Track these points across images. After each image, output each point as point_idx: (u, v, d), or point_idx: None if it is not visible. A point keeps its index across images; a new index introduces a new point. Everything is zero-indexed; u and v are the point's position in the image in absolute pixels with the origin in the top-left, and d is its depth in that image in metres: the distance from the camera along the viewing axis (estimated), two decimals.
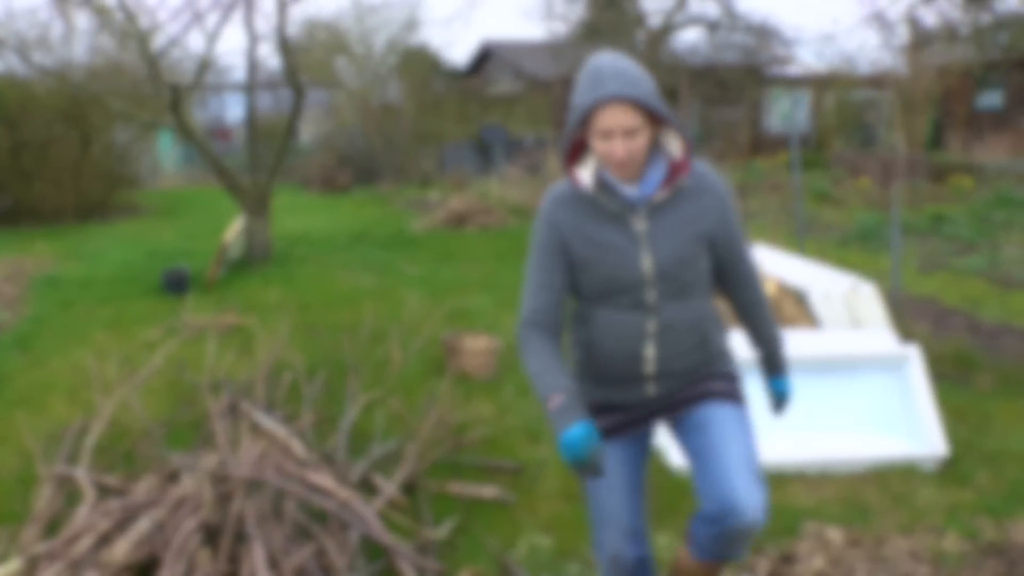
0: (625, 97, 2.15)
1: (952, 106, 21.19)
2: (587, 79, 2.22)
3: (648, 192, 2.30)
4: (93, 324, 7.15)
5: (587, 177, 2.33)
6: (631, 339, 2.35)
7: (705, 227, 2.33)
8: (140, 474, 3.89)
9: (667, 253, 2.29)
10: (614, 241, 2.30)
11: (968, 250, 9.78)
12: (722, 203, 2.36)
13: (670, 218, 2.30)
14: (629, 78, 2.18)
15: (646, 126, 2.22)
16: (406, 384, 5.25)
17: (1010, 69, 17.28)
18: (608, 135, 2.19)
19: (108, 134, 15.27)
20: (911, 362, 4.51)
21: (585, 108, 2.19)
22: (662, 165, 2.31)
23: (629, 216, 2.31)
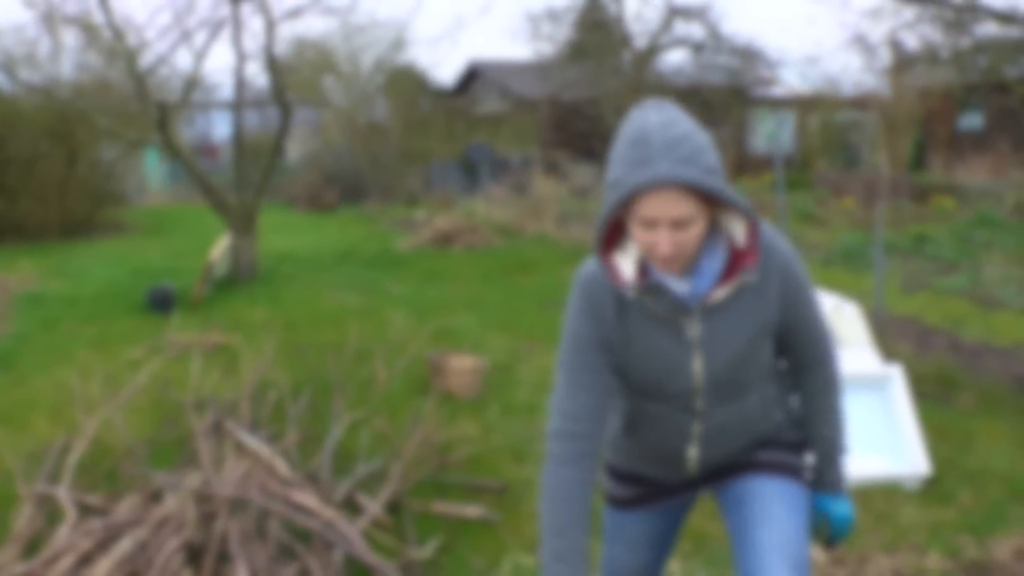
0: (679, 181, 1.69)
1: (934, 128, 21.42)
2: (630, 146, 1.73)
3: (702, 290, 1.86)
4: (77, 342, 7.11)
5: (628, 271, 1.86)
6: (673, 438, 2.02)
7: (769, 317, 1.93)
8: (123, 493, 3.86)
9: (722, 360, 1.91)
10: (661, 347, 1.91)
11: (950, 270, 9.86)
12: (788, 282, 1.93)
13: (729, 319, 1.89)
14: (685, 152, 1.70)
15: (702, 212, 1.76)
16: (391, 403, 5.25)
17: (990, 92, 17.49)
18: (652, 224, 1.74)
19: (94, 151, 15.25)
20: (894, 381, 4.54)
21: (626, 191, 1.71)
22: (720, 253, 1.86)
23: (680, 319, 1.88)
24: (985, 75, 15.24)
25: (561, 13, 21.86)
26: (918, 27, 14.18)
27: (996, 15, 12.74)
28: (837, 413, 2.14)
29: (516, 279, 9.74)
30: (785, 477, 2.06)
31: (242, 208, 9.44)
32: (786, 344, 2.04)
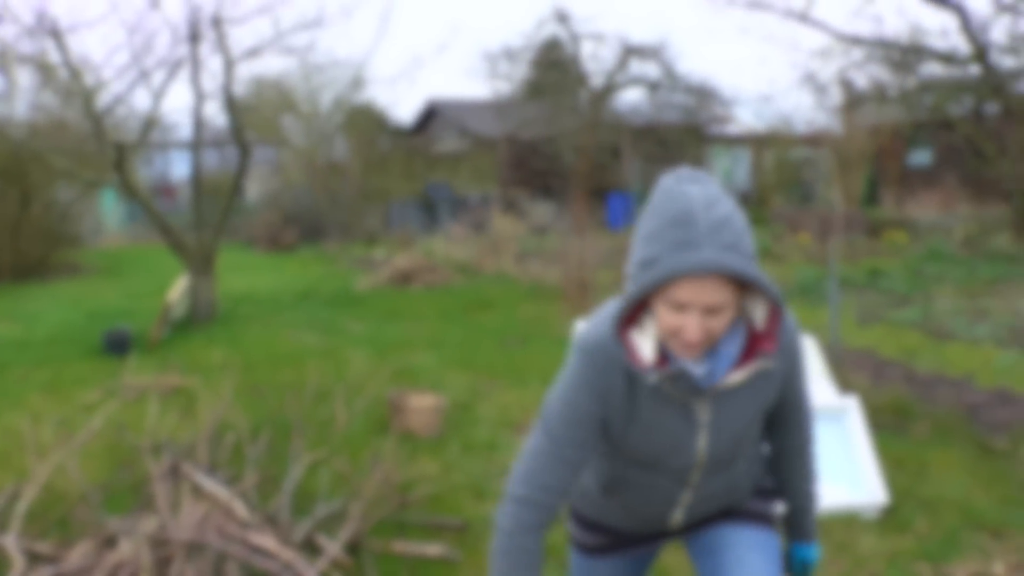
0: (725, 271, 1.60)
1: (885, 164, 21.94)
2: (671, 227, 1.62)
3: (719, 374, 1.77)
4: (28, 387, 6.97)
5: (647, 352, 1.75)
6: (659, 504, 2.00)
7: (771, 396, 1.92)
8: (75, 540, 3.77)
9: (727, 439, 1.88)
10: (667, 426, 1.85)
11: (903, 303, 10.05)
12: (792, 360, 1.92)
13: (740, 401, 1.85)
14: (730, 238, 1.61)
15: (735, 300, 1.69)
16: (351, 443, 5.20)
17: (937, 129, 17.99)
18: (683, 308, 1.65)
19: (49, 192, 15.06)
20: (851, 413, 4.61)
21: (667, 273, 1.60)
22: (739, 336, 1.78)
23: (692, 401, 1.82)
24: (931, 113, 15.69)
25: (518, 52, 22.16)
26: (866, 67, 14.59)
27: (938, 55, 13.15)
28: (814, 466, 2.16)
29: (475, 317, 9.74)
30: (758, 525, 2.05)
31: (200, 248, 9.37)
32: (776, 409, 2.03)
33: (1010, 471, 4.82)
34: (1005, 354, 7.28)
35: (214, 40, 8.56)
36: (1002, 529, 4.09)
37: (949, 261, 12.79)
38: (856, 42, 13.90)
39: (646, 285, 1.63)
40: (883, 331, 8.59)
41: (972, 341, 7.90)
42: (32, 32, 7.88)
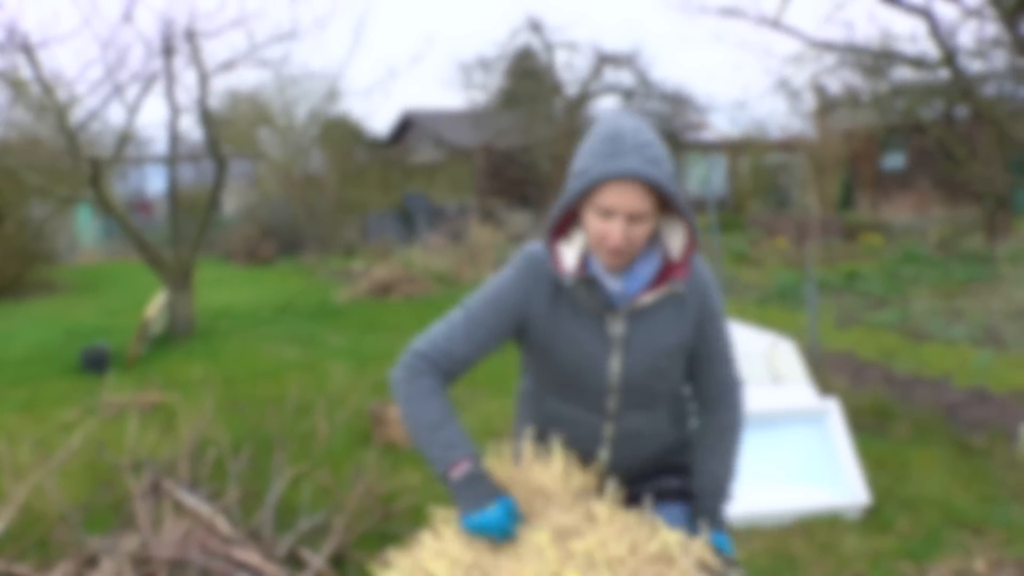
0: (644, 178, 1.81)
1: (859, 168, 22.16)
2: (602, 141, 1.86)
3: (632, 290, 1.96)
4: (4, 406, 6.89)
5: (571, 260, 1.96)
6: (585, 441, 2.08)
7: (686, 335, 2.03)
8: (55, 561, 3.73)
9: (639, 363, 2.00)
10: (582, 340, 1.99)
11: (881, 305, 10.14)
12: (706, 308, 2.04)
13: (651, 324, 1.98)
14: (652, 154, 1.84)
15: (654, 213, 1.89)
16: (333, 456, 5.18)
17: (909, 132, 18.19)
18: (609, 214, 1.85)
19: (23, 209, 14.90)
20: (831, 415, 4.64)
21: (593, 179, 1.83)
22: (655, 260, 1.98)
23: (606, 315, 1.98)
24: (903, 117, 15.86)
25: (493, 62, 22.21)
26: (839, 72, 14.74)
27: (909, 60, 13.31)
28: (731, 457, 2.19)
29: None
30: (684, 504, 2.19)
31: (178, 263, 9.30)
32: (694, 373, 2.13)
33: (988, 469, 4.87)
34: (981, 353, 7.36)
35: (188, 53, 8.53)
36: (982, 526, 4.13)
37: (924, 263, 12.93)
38: (828, 48, 14.04)
39: (577, 190, 1.86)
40: (861, 333, 8.66)
41: (948, 341, 7.98)
42: (2, 47, 7.81)
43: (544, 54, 22.28)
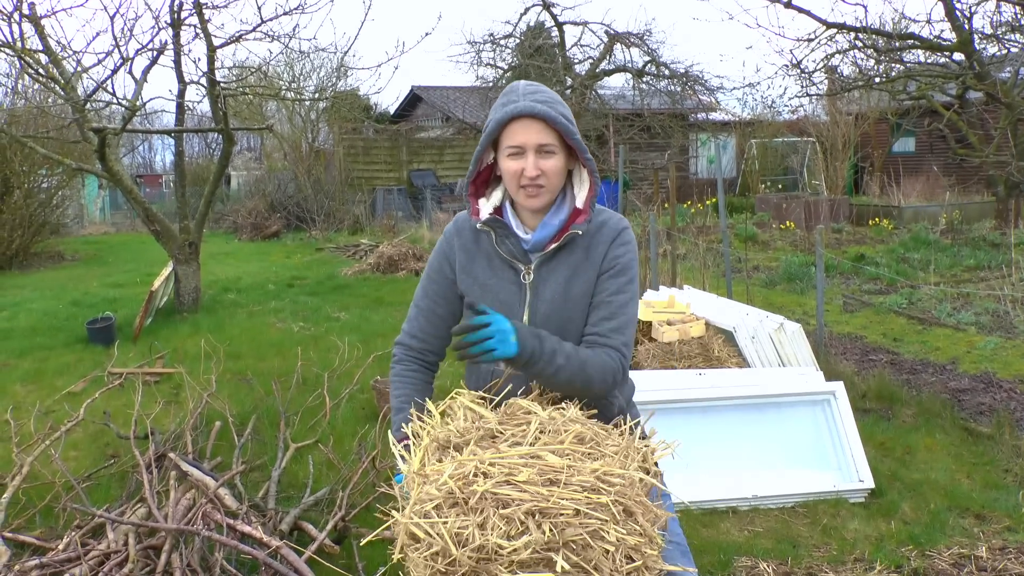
0: (540, 115, 1.97)
1: (870, 151, 22.01)
2: (504, 95, 2.06)
3: (541, 239, 2.08)
4: (11, 377, 6.91)
5: (486, 211, 2.13)
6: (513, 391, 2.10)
7: (591, 284, 2.08)
8: (61, 530, 3.75)
9: (546, 310, 2.07)
10: (498, 288, 2.11)
11: (888, 289, 10.10)
12: (610, 256, 2.08)
13: (558, 272, 2.08)
14: (543, 97, 2.02)
15: (561, 151, 2.03)
16: (337, 430, 5.19)
17: (921, 116, 18.06)
18: (519, 152, 2.00)
19: (31, 180, 14.90)
20: (837, 398, 4.63)
21: (493, 124, 2.01)
22: (564, 211, 2.09)
23: (519, 264, 2.10)
24: (915, 100, 15.73)
25: (502, 39, 22.06)
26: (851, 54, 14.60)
27: (923, 43, 13.18)
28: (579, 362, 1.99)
29: None
30: None
31: (185, 236, 9.29)
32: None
33: (994, 455, 4.86)
34: (988, 340, 7.33)
35: (196, 26, 8.46)
36: (986, 512, 4.12)
37: (933, 248, 12.86)
38: (841, 28, 13.91)
39: (483, 140, 2.03)
40: (868, 317, 8.64)
41: (956, 327, 7.95)
42: (9, 17, 7.76)
43: (554, 31, 22.11)
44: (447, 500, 1.69)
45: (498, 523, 1.62)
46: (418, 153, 23.00)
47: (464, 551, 1.61)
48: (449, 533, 1.63)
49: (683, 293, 6.72)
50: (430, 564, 1.66)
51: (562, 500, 1.64)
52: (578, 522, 1.62)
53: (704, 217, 15.25)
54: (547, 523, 1.61)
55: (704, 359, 5.57)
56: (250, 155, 28.54)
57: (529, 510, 1.64)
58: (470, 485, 1.70)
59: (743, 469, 4.38)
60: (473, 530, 1.62)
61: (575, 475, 1.72)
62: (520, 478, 1.71)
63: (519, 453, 1.81)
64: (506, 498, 1.66)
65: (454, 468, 1.77)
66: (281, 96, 17.35)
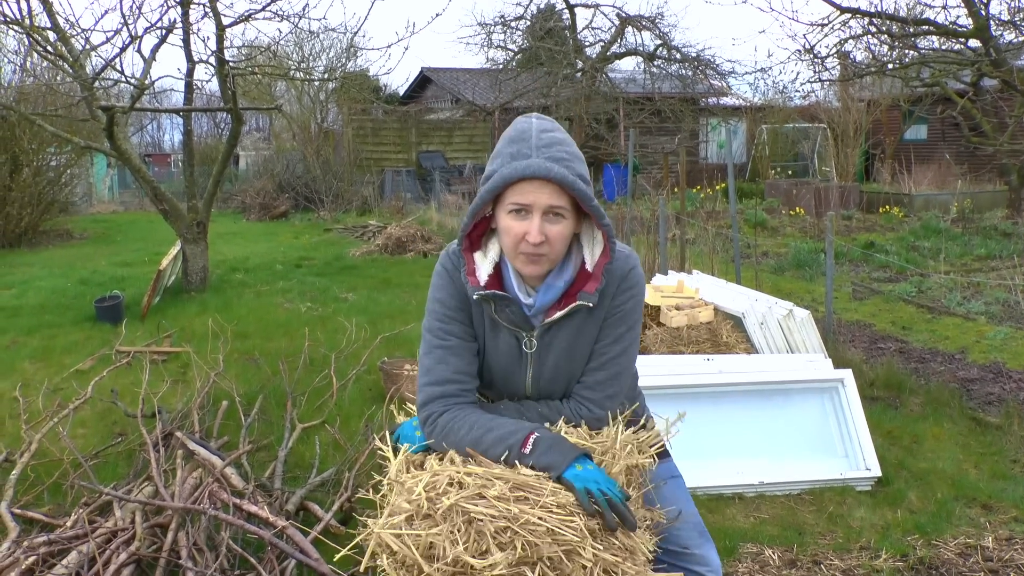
0: (556, 178, 1.76)
1: (881, 138, 21.87)
2: (508, 143, 1.82)
3: (542, 304, 1.90)
4: (20, 354, 6.93)
5: (484, 271, 1.91)
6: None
7: (594, 335, 1.96)
8: (69, 507, 3.77)
9: (549, 375, 1.97)
10: (499, 352, 1.97)
11: (898, 277, 10.06)
12: (614, 307, 1.94)
13: (561, 337, 1.94)
14: (559, 153, 1.79)
15: (571, 214, 1.83)
16: (344, 411, 5.19)
17: (934, 103, 17.91)
18: (523, 212, 1.80)
19: (40, 158, 14.91)
20: (845, 386, 4.61)
21: (499, 181, 1.78)
22: (568, 272, 1.91)
23: (521, 332, 1.94)
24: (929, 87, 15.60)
25: (513, 21, 21.94)
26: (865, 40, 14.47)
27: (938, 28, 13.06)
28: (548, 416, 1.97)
29: None
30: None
31: (193, 216, 9.29)
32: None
33: (1002, 445, 4.84)
34: (998, 329, 7.29)
35: (205, 4, 8.42)
36: (993, 503, 4.11)
37: (944, 236, 12.80)
38: (855, 13, 13.78)
39: (484, 195, 1.81)
40: (878, 305, 8.60)
41: (966, 316, 7.91)
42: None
43: (566, 14, 21.99)
44: (419, 512, 1.67)
45: (472, 537, 1.60)
46: (427, 135, 22.94)
47: (436, 565, 1.59)
48: (421, 546, 1.61)
49: (692, 278, 6.70)
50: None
51: (533, 518, 1.61)
52: (551, 539, 1.59)
53: (714, 202, 15.20)
54: (519, 540, 1.58)
55: (712, 345, 5.55)
56: (259, 135, 28.51)
57: (500, 527, 1.60)
58: (441, 497, 1.67)
59: (750, 455, 4.37)
60: (444, 543, 1.60)
61: (549, 494, 1.67)
62: (492, 492, 1.67)
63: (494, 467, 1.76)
64: (476, 512, 1.62)
65: (429, 477, 1.74)
66: (290, 76, 17.29)
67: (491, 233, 1.95)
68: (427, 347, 1.98)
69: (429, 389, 1.94)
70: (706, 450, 4.27)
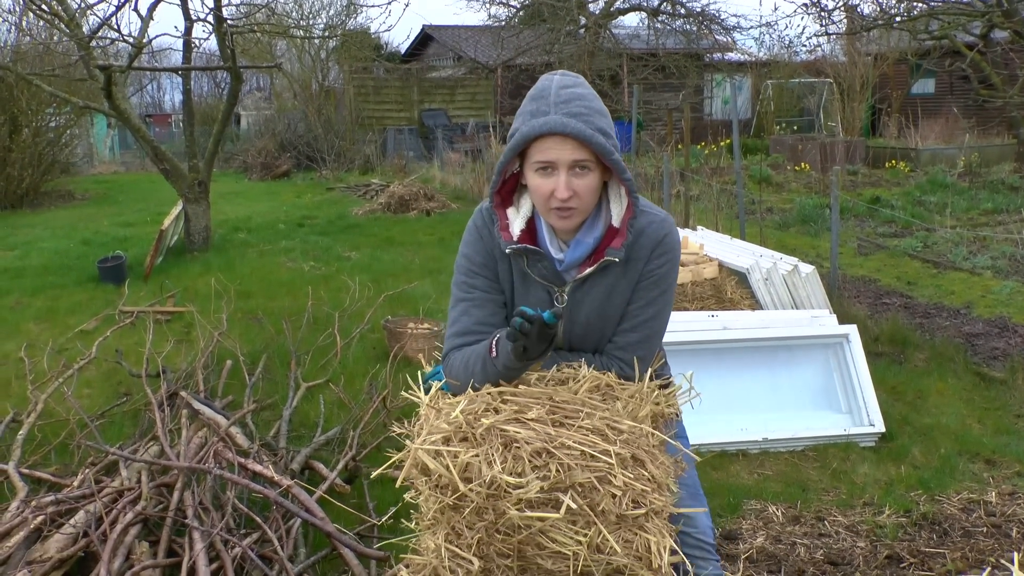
0: (574, 133, 1.78)
1: (888, 92, 21.63)
2: (528, 102, 1.86)
3: (574, 259, 1.94)
4: (24, 315, 6.94)
5: (517, 227, 1.95)
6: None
7: (626, 297, 1.99)
8: (76, 467, 3.79)
9: (581, 332, 2.00)
10: (533, 305, 1.95)
11: (904, 232, 10.00)
12: (645, 270, 1.97)
13: (593, 294, 1.97)
14: (577, 108, 1.81)
15: (596, 166, 1.85)
16: (348, 370, 5.20)
17: (942, 57, 17.68)
18: (549, 169, 1.83)
19: (39, 119, 14.81)
20: (849, 342, 4.59)
21: (521, 138, 1.82)
22: (599, 228, 1.95)
23: (553, 287, 1.97)
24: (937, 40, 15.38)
25: None
26: None
27: None
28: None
29: None
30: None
31: (194, 176, 9.24)
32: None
33: (1006, 400, 4.84)
34: (1004, 284, 7.26)
35: None
36: (996, 458, 4.11)
37: (950, 191, 12.70)
38: None
39: (507, 153, 1.86)
40: (883, 260, 8.56)
41: (972, 271, 7.87)
42: None
43: None
44: (456, 434, 1.69)
45: (507, 459, 1.62)
46: (429, 93, 22.74)
47: (471, 487, 1.60)
48: (458, 467, 1.63)
49: (696, 234, 6.66)
50: (438, 497, 1.66)
51: (569, 442, 1.64)
52: (585, 464, 1.61)
53: (718, 158, 15.09)
54: (554, 464, 1.61)
55: (717, 301, 5.53)
56: (260, 95, 28.28)
57: (536, 449, 1.63)
58: (479, 419, 1.70)
59: (754, 412, 4.38)
60: (481, 465, 1.61)
61: (585, 418, 1.71)
62: (529, 415, 1.70)
63: (532, 393, 1.80)
64: (514, 435, 1.65)
65: (466, 403, 1.78)
66: (290, 34, 17.11)
67: (523, 189, 1.98)
68: (453, 301, 2.04)
69: (452, 340, 2.00)
70: (710, 407, 4.26)
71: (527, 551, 1.65)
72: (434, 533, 1.74)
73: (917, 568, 3.17)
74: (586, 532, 1.60)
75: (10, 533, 2.96)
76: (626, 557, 1.62)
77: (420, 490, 1.72)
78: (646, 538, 1.63)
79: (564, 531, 1.61)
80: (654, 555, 1.62)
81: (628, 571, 1.64)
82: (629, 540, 1.63)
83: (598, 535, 1.60)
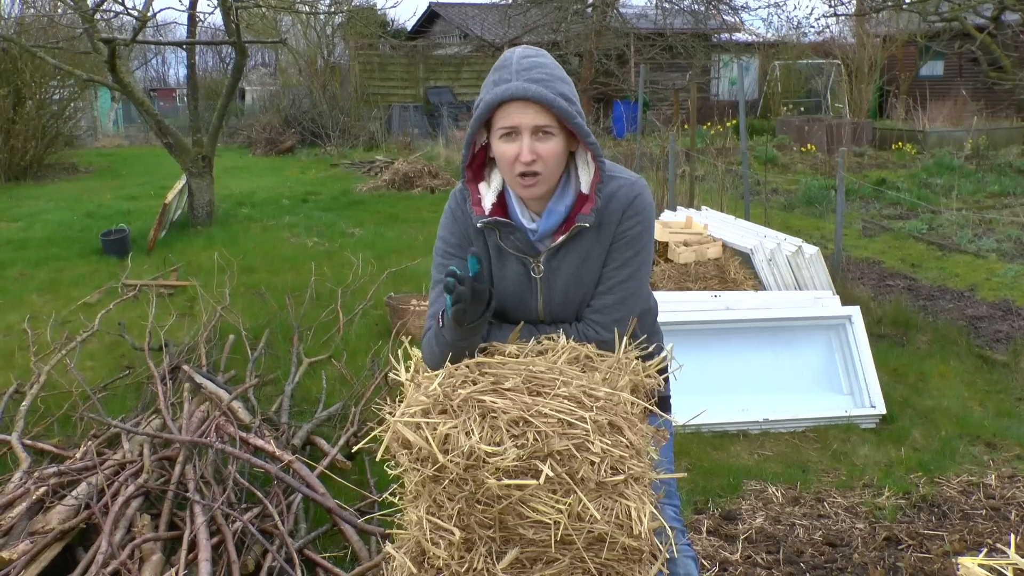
0: (534, 97, 1.81)
1: (896, 74, 21.49)
2: (496, 71, 1.89)
3: (547, 229, 1.96)
4: (27, 287, 6.95)
5: (488, 201, 1.98)
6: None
7: (601, 260, 2.00)
8: (79, 439, 3.80)
9: (559, 299, 2.01)
10: (509, 280, 2.01)
11: (909, 214, 9.97)
12: (618, 232, 1.97)
13: (566, 260, 1.98)
14: (538, 75, 1.84)
15: (561, 132, 1.88)
16: (350, 346, 5.21)
17: (951, 39, 17.54)
18: (513, 134, 1.86)
19: (43, 91, 14.76)
20: (852, 323, 4.59)
21: (484, 107, 1.85)
22: (569, 196, 1.96)
23: (528, 258, 1.99)
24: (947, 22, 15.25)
25: None
26: None
27: None
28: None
29: None
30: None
31: (198, 150, 9.22)
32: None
33: (1008, 383, 4.83)
34: (1009, 267, 7.23)
35: None
36: (997, 441, 4.11)
37: (957, 173, 12.64)
38: None
39: (473, 123, 1.88)
40: (887, 242, 8.54)
41: (976, 253, 7.85)
42: None
43: None
44: (435, 406, 1.71)
45: (484, 429, 1.63)
46: (435, 70, 22.63)
47: (450, 457, 1.61)
48: (437, 438, 1.63)
49: (701, 214, 6.64)
50: (419, 469, 1.67)
51: (546, 410, 1.64)
52: (562, 432, 1.62)
53: (724, 139, 15.01)
54: (532, 432, 1.61)
55: (720, 281, 5.52)
56: (265, 70, 28.18)
57: (513, 418, 1.64)
58: (456, 391, 1.71)
59: (755, 392, 4.38)
60: (460, 435, 1.62)
61: (561, 387, 1.72)
62: (506, 385, 1.71)
63: (509, 364, 1.81)
64: (491, 405, 1.66)
65: (444, 376, 1.79)
66: (295, 9, 17.00)
67: (492, 163, 2.00)
68: (432, 283, 2.07)
69: (428, 321, 2.04)
70: (712, 387, 4.27)
71: (508, 521, 1.66)
72: (416, 506, 1.76)
73: (915, 550, 3.18)
74: (566, 500, 1.61)
75: (12, 504, 2.98)
76: (606, 524, 1.63)
77: (401, 463, 1.72)
78: (626, 504, 1.63)
79: (544, 500, 1.62)
80: (634, 521, 1.62)
81: (609, 539, 1.64)
82: (609, 507, 1.63)
83: (578, 503, 1.61)
